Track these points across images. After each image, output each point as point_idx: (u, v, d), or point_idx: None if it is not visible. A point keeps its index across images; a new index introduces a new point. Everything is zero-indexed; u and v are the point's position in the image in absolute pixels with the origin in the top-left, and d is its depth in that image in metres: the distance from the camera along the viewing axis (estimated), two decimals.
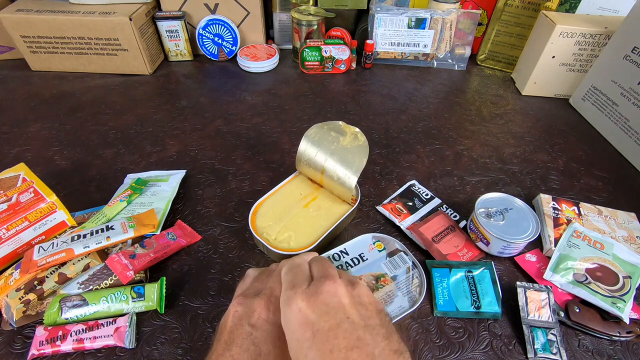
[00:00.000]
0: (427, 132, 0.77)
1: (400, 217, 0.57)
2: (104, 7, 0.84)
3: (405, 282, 0.48)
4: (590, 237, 0.53)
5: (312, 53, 0.91)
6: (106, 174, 0.64)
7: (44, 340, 0.41)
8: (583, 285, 0.48)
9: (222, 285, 0.49)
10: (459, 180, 0.66)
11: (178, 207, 0.59)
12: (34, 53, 0.88)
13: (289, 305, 0.30)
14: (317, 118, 0.79)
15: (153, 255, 0.49)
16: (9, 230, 0.46)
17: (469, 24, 0.91)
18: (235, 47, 0.96)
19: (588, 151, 0.73)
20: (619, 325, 0.45)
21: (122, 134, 0.73)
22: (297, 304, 0.29)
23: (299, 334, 0.28)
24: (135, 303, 0.44)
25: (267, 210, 0.54)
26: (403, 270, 0.49)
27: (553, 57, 0.81)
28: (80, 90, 0.85)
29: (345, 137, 0.53)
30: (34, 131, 0.73)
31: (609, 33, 0.76)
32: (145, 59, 0.88)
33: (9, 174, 0.51)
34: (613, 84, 0.74)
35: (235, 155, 0.69)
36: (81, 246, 0.47)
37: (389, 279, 0.48)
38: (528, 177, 0.67)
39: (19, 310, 0.43)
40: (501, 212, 0.53)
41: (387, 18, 0.90)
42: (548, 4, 0.85)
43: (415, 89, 0.90)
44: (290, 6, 0.96)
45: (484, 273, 0.49)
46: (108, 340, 0.41)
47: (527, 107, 0.85)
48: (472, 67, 0.99)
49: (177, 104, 0.82)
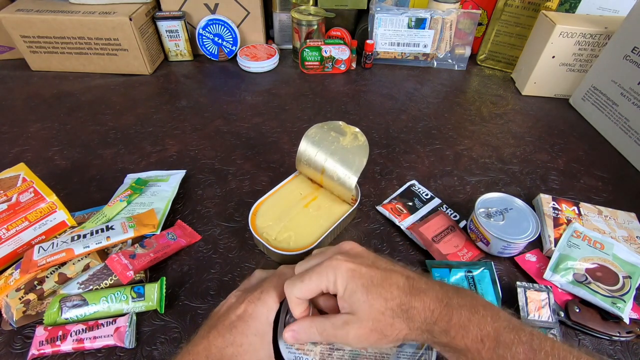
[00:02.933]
0: (427, 132, 0.77)
1: (400, 217, 0.57)
2: (104, 7, 0.84)
3: (409, 357, 0.38)
4: (590, 237, 0.53)
5: (312, 53, 0.91)
6: (106, 174, 0.64)
7: (44, 340, 0.41)
8: (583, 285, 0.48)
9: (222, 285, 0.49)
10: (459, 180, 0.66)
11: (178, 207, 0.59)
12: (34, 53, 0.88)
13: (339, 267, 0.33)
14: (317, 118, 0.79)
15: (153, 255, 0.49)
16: (9, 230, 0.46)
17: (469, 24, 0.91)
18: (235, 47, 0.96)
19: (588, 151, 0.73)
20: (619, 325, 0.45)
21: (122, 134, 0.73)
22: (344, 265, 0.33)
23: (355, 284, 0.32)
24: (135, 303, 0.44)
25: (267, 210, 0.54)
26: (414, 344, 0.38)
27: (553, 57, 0.81)
28: (80, 90, 0.85)
29: (345, 137, 0.53)
30: (34, 131, 0.73)
31: (609, 33, 0.76)
32: (145, 59, 0.88)
33: (9, 174, 0.51)
34: (613, 84, 0.74)
35: (235, 155, 0.69)
36: (81, 246, 0.47)
37: None
38: (528, 177, 0.67)
39: (19, 310, 0.43)
40: (501, 212, 0.53)
41: (387, 18, 0.90)
42: (548, 4, 0.85)
43: (415, 89, 0.90)
44: (290, 6, 0.96)
45: (484, 273, 0.49)
46: (108, 340, 0.41)
47: (527, 107, 0.85)
48: (472, 67, 0.99)
49: (177, 104, 0.82)
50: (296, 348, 0.38)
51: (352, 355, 0.37)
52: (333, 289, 0.33)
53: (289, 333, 0.35)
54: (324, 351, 0.37)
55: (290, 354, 0.37)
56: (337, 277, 0.33)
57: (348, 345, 0.34)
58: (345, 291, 0.32)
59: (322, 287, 0.33)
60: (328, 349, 0.37)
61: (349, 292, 0.32)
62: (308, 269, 0.35)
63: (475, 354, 0.28)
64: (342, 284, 0.32)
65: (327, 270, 0.33)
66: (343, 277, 0.32)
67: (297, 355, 0.37)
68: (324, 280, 0.33)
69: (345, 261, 0.33)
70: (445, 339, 0.30)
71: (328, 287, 0.33)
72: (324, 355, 0.37)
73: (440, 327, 0.30)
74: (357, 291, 0.32)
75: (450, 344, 0.30)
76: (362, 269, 0.33)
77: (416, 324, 0.30)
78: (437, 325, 0.30)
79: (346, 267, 0.33)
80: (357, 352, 0.37)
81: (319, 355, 0.37)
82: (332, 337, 0.33)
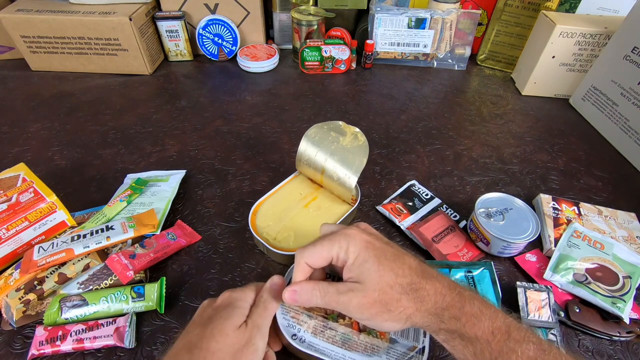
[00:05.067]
0: (427, 132, 0.77)
1: (400, 217, 0.57)
2: (104, 7, 0.84)
3: (399, 356, 0.37)
4: (590, 237, 0.53)
5: (312, 53, 0.91)
6: (106, 174, 0.64)
7: (43, 340, 0.41)
8: (583, 285, 0.48)
9: (222, 285, 0.49)
10: (459, 180, 0.66)
11: (178, 207, 0.59)
12: (34, 53, 0.88)
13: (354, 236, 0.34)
14: (317, 118, 0.79)
15: (153, 255, 0.49)
16: (9, 230, 0.46)
17: (469, 24, 0.91)
18: (235, 47, 0.96)
19: (588, 151, 0.73)
20: (619, 325, 0.45)
21: (122, 134, 0.73)
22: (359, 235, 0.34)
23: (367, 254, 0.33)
24: (135, 303, 0.44)
25: (267, 210, 0.54)
26: (407, 344, 0.38)
27: (553, 57, 0.81)
28: (80, 90, 0.85)
29: (345, 137, 0.53)
30: (34, 131, 0.73)
31: (609, 33, 0.76)
32: (145, 59, 0.88)
33: (9, 174, 0.51)
34: (613, 84, 0.74)
35: (235, 155, 0.69)
36: (81, 246, 0.47)
37: (387, 337, 0.39)
38: (528, 177, 0.67)
39: (19, 310, 0.43)
40: (501, 212, 0.53)
41: (387, 18, 0.90)
42: (548, 4, 0.85)
43: (415, 89, 0.90)
44: (290, 6, 0.96)
45: (484, 273, 0.49)
46: (108, 340, 0.41)
47: (527, 107, 0.85)
48: (472, 67, 0.99)
49: (177, 104, 0.82)
50: (291, 316, 0.37)
51: (343, 338, 0.37)
52: (344, 257, 0.33)
53: (288, 292, 0.34)
54: (317, 326, 0.37)
55: (284, 320, 0.37)
56: (350, 244, 0.33)
57: (348, 314, 0.33)
58: (356, 259, 0.33)
59: (333, 254, 0.34)
60: (322, 326, 0.37)
61: (359, 260, 0.32)
62: (321, 236, 0.35)
63: (484, 344, 0.29)
64: (354, 251, 0.33)
65: (341, 237, 0.34)
66: (356, 246, 0.33)
67: (291, 323, 0.37)
68: (336, 247, 0.33)
69: (361, 233, 0.34)
70: (454, 326, 0.30)
71: (339, 255, 0.33)
72: (316, 330, 0.37)
73: (451, 313, 0.30)
74: (368, 260, 0.32)
75: (460, 330, 0.30)
76: (377, 243, 0.33)
77: (425, 306, 0.31)
78: (447, 310, 0.30)
79: (361, 238, 0.34)
80: (349, 337, 0.37)
81: (312, 329, 0.37)
82: (333, 302, 0.33)
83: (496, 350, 0.28)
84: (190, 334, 0.33)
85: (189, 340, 0.32)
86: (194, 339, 0.32)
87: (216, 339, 0.31)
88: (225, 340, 0.32)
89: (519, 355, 0.28)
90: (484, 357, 0.28)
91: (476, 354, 0.29)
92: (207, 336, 0.32)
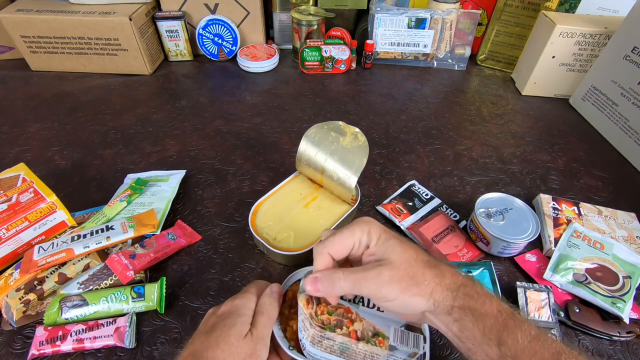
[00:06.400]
0: (427, 132, 0.77)
1: (400, 217, 0.57)
2: (104, 7, 0.84)
3: None
4: (590, 237, 0.53)
5: (312, 53, 0.91)
6: (106, 174, 0.64)
7: (44, 340, 0.41)
8: (583, 285, 0.48)
9: (222, 285, 0.49)
10: (459, 180, 0.66)
11: (178, 207, 0.59)
12: (34, 53, 0.88)
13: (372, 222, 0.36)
14: (317, 118, 0.79)
15: (153, 255, 0.49)
16: (9, 230, 0.46)
17: (469, 24, 0.91)
18: (235, 47, 0.96)
19: (588, 151, 0.73)
20: (619, 325, 0.45)
21: (122, 134, 0.73)
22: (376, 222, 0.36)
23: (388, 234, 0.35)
24: (135, 303, 0.44)
25: (267, 210, 0.54)
26: (408, 351, 0.37)
27: (553, 57, 0.81)
28: (80, 90, 0.85)
29: (345, 137, 0.53)
30: (34, 131, 0.73)
31: (609, 33, 0.76)
32: (145, 59, 0.88)
33: (9, 174, 0.51)
34: (613, 84, 0.74)
35: (235, 155, 0.69)
36: (81, 246, 0.47)
37: (386, 344, 0.38)
38: (528, 177, 0.67)
39: (19, 310, 0.43)
40: (501, 212, 0.53)
41: (387, 18, 0.90)
42: (548, 4, 0.85)
43: (415, 89, 0.90)
44: (290, 6, 0.96)
45: (484, 273, 0.49)
46: (108, 340, 0.41)
47: (527, 107, 0.85)
48: (472, 67, 0.99)
49: (177, 104, 0.82)
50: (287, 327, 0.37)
51: (342, 347, 0.36)
52: (367, 240, 0.35)
53: (310, 279, 0.34)
54: (314, 336, 0.37)
55: (280, 331, 0.37)
56: (371, 228, 0.35)
57: (376, 292, 0.32)
58: (379, 239, 0.34)
59: (355, 239, 0.35)
60: (319, 336, 0.37)
61: (382, 239, 0.34)
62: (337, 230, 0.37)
63: (492, 320, 0.30)
64: (376, 233, 0.35)
65: (361, 223, 0.35)
66: (376, 229, 0.35)
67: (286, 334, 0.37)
68: (358, 232, 0.35)
69: (375, 221, 0.36)
70: (467, 302, 0.31)
71: (361, 239, 0.35)
72: (314, 339, 0.36)
73: (465, 291, 0.32)
74: (390, 239, 0.34)
75: (473, 306, 0.31)
76: (392, 231, 0.36)
77: (445, 282, 0.32)
78: (462, 288, 0.32)
79: (378, 224, 0.36)
80: (347, 346, 0.36)
81: (310, 337, 0.36)
82: (362, 279, 0.32)
83: (502, 326, 0.30)
84: (195, 342, 0.33)
85: (194, 349, 0.32)
86: (199, 347, 0.32)
87: (221, 348, 0.32)
88: (230, 349, 0.32)
89: (524, 330, 0.29)
90: (491, 333, 0.30)
91: (485, 330, 0.30)
92: (211, 345, 0.32)
